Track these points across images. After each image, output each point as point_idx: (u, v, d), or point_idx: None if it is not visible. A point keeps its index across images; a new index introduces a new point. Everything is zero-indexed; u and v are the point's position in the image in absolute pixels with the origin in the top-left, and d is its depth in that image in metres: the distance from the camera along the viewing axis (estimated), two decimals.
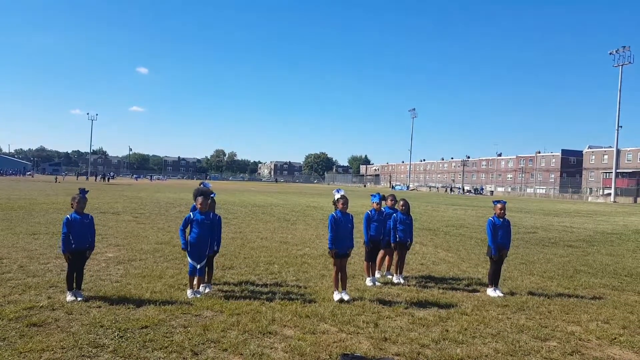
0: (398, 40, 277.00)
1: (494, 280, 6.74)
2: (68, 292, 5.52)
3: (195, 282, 5.98)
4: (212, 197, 6.38)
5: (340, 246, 6.04)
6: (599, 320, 5.62)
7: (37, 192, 29.94)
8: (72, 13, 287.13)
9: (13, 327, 4.50)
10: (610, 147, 77.42)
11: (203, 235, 5.94)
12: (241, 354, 4.12)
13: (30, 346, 4.06)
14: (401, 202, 7.61)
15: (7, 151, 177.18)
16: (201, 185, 6.56)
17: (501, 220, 6.77)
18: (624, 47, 61.22)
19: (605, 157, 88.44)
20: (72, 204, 5.68)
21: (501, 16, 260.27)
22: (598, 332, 5.15)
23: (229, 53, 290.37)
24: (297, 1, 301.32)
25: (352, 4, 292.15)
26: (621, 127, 63.40)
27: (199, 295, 5.83)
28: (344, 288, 6.12)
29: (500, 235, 6.72)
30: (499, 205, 6.80)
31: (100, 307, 5.24)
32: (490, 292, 6.66)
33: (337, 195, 6.20)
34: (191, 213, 6.01)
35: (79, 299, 5.45)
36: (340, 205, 6.12)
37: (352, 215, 6.27)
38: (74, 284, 5.56)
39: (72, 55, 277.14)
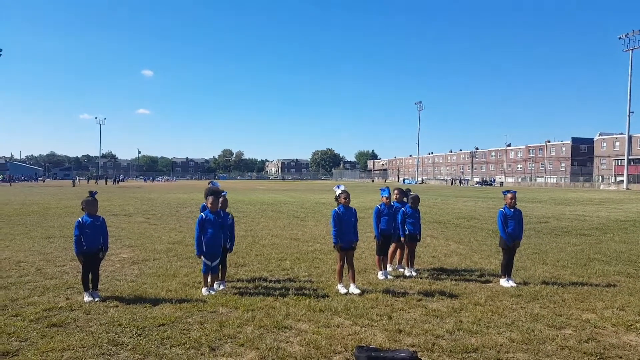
0: (404, 34, 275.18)
1: (506, 271, 6.73)
2: (85, 292, 5.62)
3: (209, 279, 6.06)
4: (224, 195, 6.45)
5: (344, 240, 6.11)
6: (614, 307, 5.58)
7: (50, 196, 30.40)
8: (77, 17, 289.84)
9: (34, 328, 4.61)
10: (622, 133, 76.22)
11: (216, 234, 6.01)
12: (257, 349, 4.18)
13: (51, 346, 4.16)
14: (411, 199, 7.62)
15: (19, 157, 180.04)
16: (210, 185, 6.63)
17: (512, 210, 6.74)
18: (634, 30, 60.11)
19: (617, 144, 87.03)
20: (82, 207, 5.77)
21: (508, 6, 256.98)
22: (613, 319, 5.12)
23: (233, 53, 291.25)
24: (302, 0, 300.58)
25: (357, 1, 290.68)
26: (632, 113, 62.61)
27: (213, 293, 5.91)
28: (353, 282, 6.16)
29: (511, 225, 6.69)
30: (509, 195, 6.78)
31: (117, 306, 5.34)
32: (503, 282, 6.65)
33: (338, 191, 6.27)
34: (203, 214, 6.08)
35: (96, 299, 5.55)
36: (342, 200, 6.18)
37: (355, 209, 6.31)
38: (90, 285, 5.67)
39: (78, 60, 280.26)
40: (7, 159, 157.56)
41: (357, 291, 6.00)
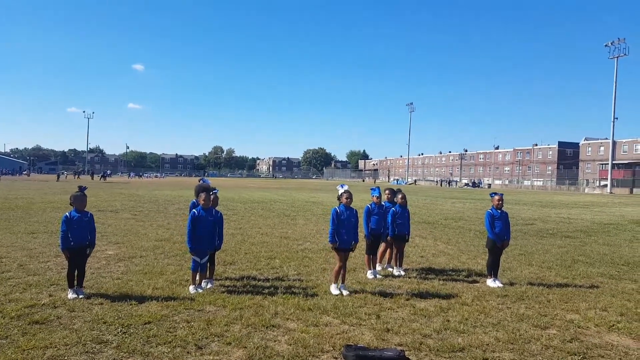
0: (395, 35, 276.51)
1: (492, 271, 6.80)
2: (69, 289, 5.52)
3: (197, 277, 6.00)
4: (215, 193, 6.39)
5: (343, 240, 6.01)
6: (597, 308, 5.69)
7: (34, 191, 29.80)
8: (66, 11, 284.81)
9: (15, 325, 4.51)
10: (607, 138, 77.69)
11: (207, 232, 5.95)
12: (245, 347, 4.15)
13: (33, 343, 4.07)
14: (400, 195, 7.66)
15: (3, 150, 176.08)
16: (200, 182, 6.56)
17: (499, 211, 6.82)
18: (619, 39, 61.35)
19: (602, 148, 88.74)
20: (71, 202, 5.67)
21: (497, 9, 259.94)
22: (596, 319, 5.21)
23: (225, 49, 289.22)
24: None
25: (350, 1, 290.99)
26: (617, 118, 63.54)
27: (201, 291, 5.86)
28: (342, 282, 6.12)
29: (499, 226, 6.77)
30: (496, 197, 6.86)
31: (102, 303, 5.26)
32: (490, 282, 6.72)
33: (341, 190, 6.20)
34: (195, 210, 6.01)
35: (81, 296, 5.46)
36: (344, 200, 6.11)
37: (356, 210, 6.24)
38: (75, 282, 5.57)
39: (68, 53, 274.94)
40: None
41: (346, 292, 5.95)
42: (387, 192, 7.72)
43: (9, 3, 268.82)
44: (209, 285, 6.13)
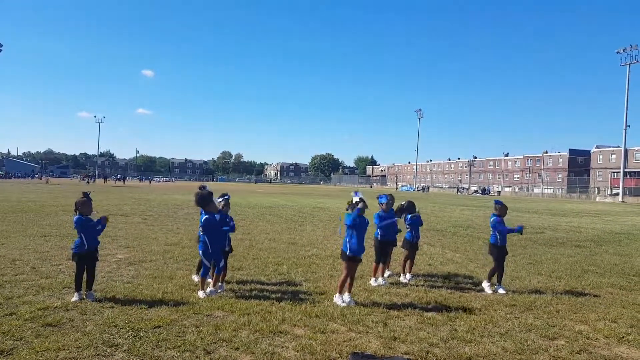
0: (403, 40, 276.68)
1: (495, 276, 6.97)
2: (76, 292, 5.59)
3: (210, 281, 6.12)
4: (226, 198, 6.53)
5: (356, 251, 5.82)
6: (607, 319, 5.63)
7: (47, 194, 30.26)
8: (78, 16, 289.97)
9: (29, 327, 4.60)
10: (618, 146, 76.73)
11: (217, 237, 6.06)
12: (253, 353, 4.19)
13: (46, 345, 4.16)
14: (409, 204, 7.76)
15: (16, 154, 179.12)
16: (201, 189, 6.62)
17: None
18: (631, 45, 60.79)
19: (613, 156, 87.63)
20: (76, 208, 5.69)
21: (507, 15, 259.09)
22: (606, 331, 5.16)
23: (234, 55, 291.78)
24: (301, 2, 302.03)
25: (356, 4, 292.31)
26: (629, 126, 63.50)
27: (214, 295, 5.94)
28: (349, 292, 5.94)
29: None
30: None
31: (113, 307, 5.34)
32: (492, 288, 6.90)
33: (356, 199, 5.85)
34: (208, 215, 6.06)
35: (90, 299, 5.53)
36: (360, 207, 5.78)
37: (367, 219, 6.02)
38: (85, 285, 5.63)
39: (79, 58, 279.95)
40: (3, 155, 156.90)
41: (352, 303, 5.80)
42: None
43: (21, 7, 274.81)
44: (219, 290, 6.19)
